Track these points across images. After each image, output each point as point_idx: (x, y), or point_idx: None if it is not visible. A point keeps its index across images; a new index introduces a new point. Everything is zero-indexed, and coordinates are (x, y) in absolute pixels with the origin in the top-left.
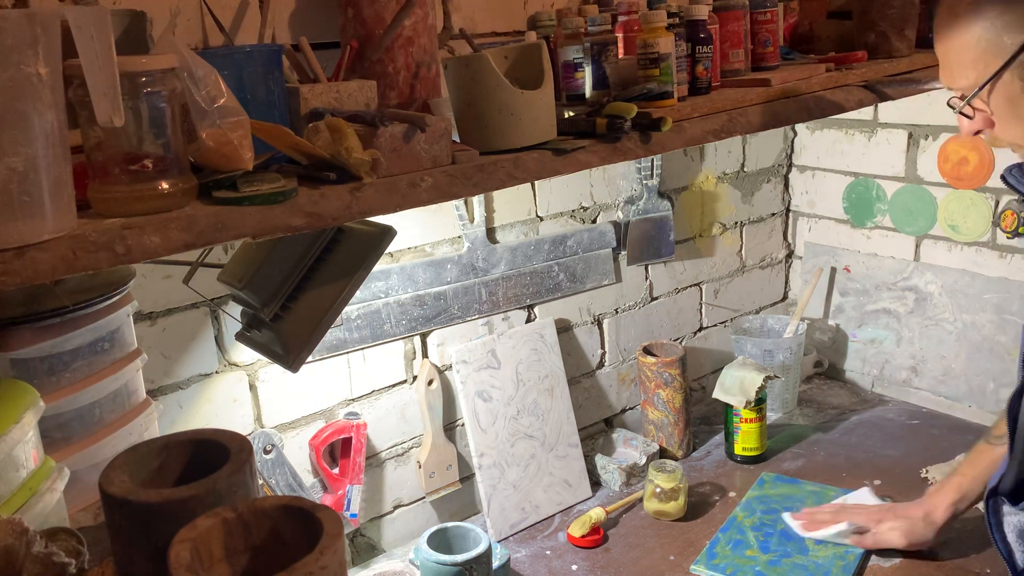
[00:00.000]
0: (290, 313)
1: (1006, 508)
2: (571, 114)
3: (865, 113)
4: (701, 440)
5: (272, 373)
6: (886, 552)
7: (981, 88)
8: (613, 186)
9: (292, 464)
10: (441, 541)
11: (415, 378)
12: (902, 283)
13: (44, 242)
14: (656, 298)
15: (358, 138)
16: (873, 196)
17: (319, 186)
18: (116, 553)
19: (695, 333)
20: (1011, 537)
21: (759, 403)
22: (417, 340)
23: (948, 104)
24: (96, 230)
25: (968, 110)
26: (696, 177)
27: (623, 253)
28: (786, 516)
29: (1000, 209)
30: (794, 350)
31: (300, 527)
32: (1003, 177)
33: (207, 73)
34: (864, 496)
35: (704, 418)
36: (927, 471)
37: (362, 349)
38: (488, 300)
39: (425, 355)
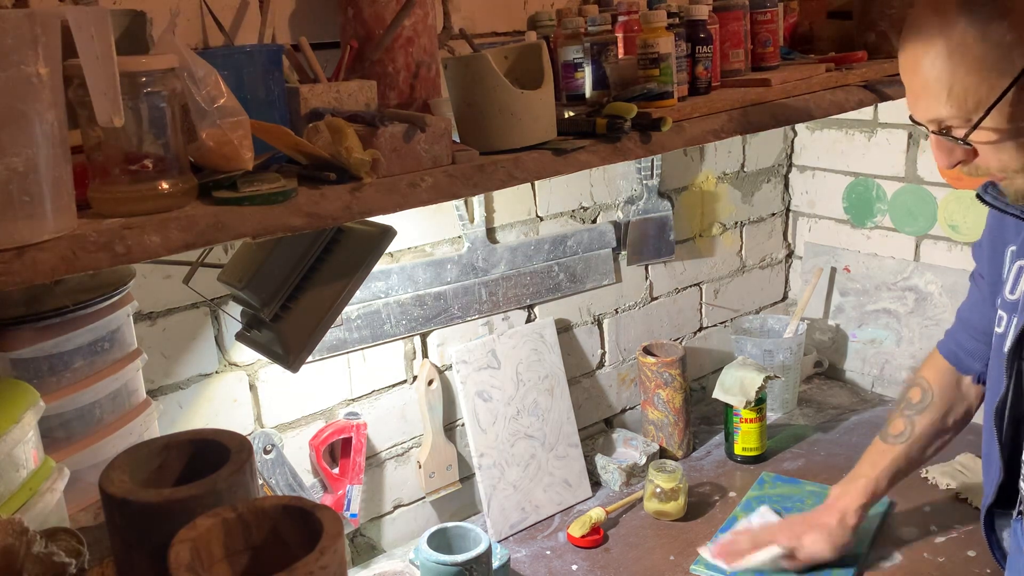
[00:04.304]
0: (290, 313)
1: (997, 520)
2: (571, 114)
3: (865, 113)
4: (701, 440)
5: (272, 373)
6: (886, 553)
7: (991, 109)
8: (613, 186)
9: (292, 464)
10: (441, 541)
11: (415, 378)
12: (902, 283)
13: (44, 242)
14: (656, 298)
15: (358, 138)
16: (873, 196)
17: (319, 186)
18: (116, 553)
19: (695, 333)
20: (1006, 543)
21: (759, 403)
22: (417, 340)
23: (933, 133)
24: (96, 230)
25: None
26: (696, 177)
27: (623, 253)
28: (703, 551)
29: None
30: (794, 350)
31: (300, 527)
32: (979, 196)
33: (207, 73)
34: (765, 514)
35: (704, 418)
36: (927, 471)
37: (362, 349)
38: (488, 300)
39: (425, 355)
